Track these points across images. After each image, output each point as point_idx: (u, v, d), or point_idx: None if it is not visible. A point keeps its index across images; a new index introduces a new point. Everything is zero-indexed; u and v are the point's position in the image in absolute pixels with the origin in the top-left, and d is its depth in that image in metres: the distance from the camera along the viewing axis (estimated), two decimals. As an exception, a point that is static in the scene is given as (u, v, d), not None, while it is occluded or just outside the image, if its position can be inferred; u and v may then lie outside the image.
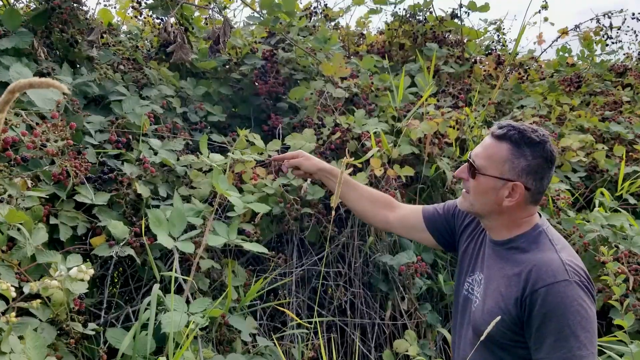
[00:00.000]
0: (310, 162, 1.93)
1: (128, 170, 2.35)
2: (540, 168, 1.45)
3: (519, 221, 1.51)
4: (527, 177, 1.45)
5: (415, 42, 4.01)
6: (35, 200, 1.85)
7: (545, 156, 1.45)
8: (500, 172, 1.46)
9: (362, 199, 1.94)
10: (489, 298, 1.51)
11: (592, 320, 1.36)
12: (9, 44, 2.51)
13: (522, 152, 1.44)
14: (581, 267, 1.43)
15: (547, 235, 1.49)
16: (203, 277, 2.30)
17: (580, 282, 1.38)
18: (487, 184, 1.49)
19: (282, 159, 2.00)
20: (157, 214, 2.01)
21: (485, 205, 1.52)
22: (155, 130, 2.78)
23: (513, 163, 1.44)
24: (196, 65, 3.48)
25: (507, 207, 1.48)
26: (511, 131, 1.45)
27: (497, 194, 1.48)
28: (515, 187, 1.45)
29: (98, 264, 2.18)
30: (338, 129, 2.90)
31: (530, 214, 1.52)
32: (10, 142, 1.83)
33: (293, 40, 3.35)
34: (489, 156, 1.48)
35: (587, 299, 1.37)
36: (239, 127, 3.02)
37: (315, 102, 3.14)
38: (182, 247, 1.99)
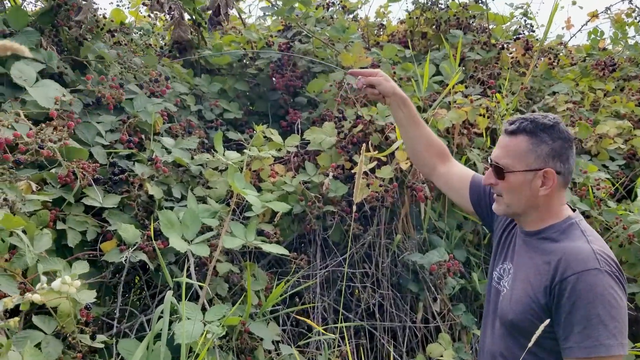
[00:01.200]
0: (389, 84, 1.80)
1: (139, 170, 2.22)
2: (563, 149, 1.45)
3: (554, 210, 1.49)
4: (554, 161, 1.44)
5: (438, 30, 3.82)
6: (37, 204, 1.72)
7: (563, 137, 1.45)
8: (527, 164, 1.45)
9: (420, 139, 1.86)
10: (518, 287, 1.49)
11: (622, 310, 1.33)
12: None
13: (540, 138, 1.44)
14: (612, 257, 1.40)
15: (578, 226, 1.47)
16: (221, 282, 2.16)
17: (611, 272, 1.35)
18: (518, 180, 1.46)
19: (360, 74, 1.86)
20: (169, 216, 1.88)
21: (522, 201, 1.49)
22: (169, 129, 2.66)
23: (536, 152, 1.44)
24: (210, 61, 3.36)
25: (544, 197, 1.46)
26: (523, 123, 1.45)
27: (531, 186, 1.46)
28: (547, 174, 1.44)
29: (110, 271, 2.05)
30: (360, 121, 2.73)
31: (563, 202, 1.51)
32: (3, 144, 1.71)
33: (310, 31, 3.20)
34: (511, 153, 1.47)
35: (618, 288, 1.34)
36: (256, 124, 2.89)
37: (335, 94, 2.98)
38: (196, 251, 1.85)
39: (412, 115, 1.84)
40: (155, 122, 2.52)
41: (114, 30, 3.14)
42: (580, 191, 2.94)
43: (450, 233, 2.79)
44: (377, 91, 1.84)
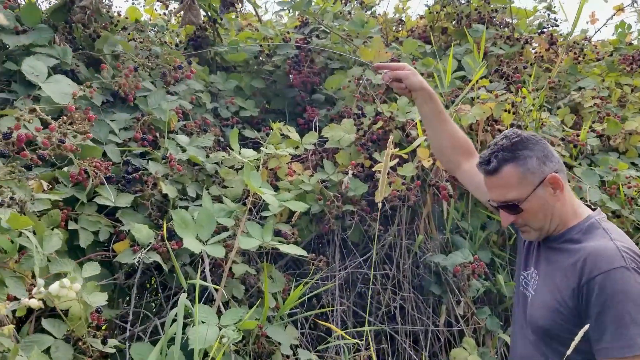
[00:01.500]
0: (417, 78, 1.77)
1: (153, 169, 2.16)
2: (542, 149, 1.44)
3: (571, 209, 1.48)
4: (547, 165, 1.43)
5: (459, 24, 3.72)
6: (47, 203, 1.66)
7: (532, 140, 1.44)
8: (531, 186, 1.43)
9: (446, 135, 1.83)
10: (545, 291, 1.47)
11: None
12: (27, 41, 2.36)
13: (521, 155, 1.43)
14: (638, 253, 1.37)
15: (599, 224, 1.45)
16: (237, 284, 2.09)
17: (637, 268, 1.32)
18: (535, 203, 1.44)
19: (386, 67, 1.82)
20: (183, 215, 1.81)
21: (549, 217, 1.47)
22: (184, 126, 2.60)
23: (529, 169, 1.43)
24: (226, 58, 3.29)
25: (562, 200, 1.45)
26: (499, 155, 1.43)
27: (547, 199, 1.44)
28: (551, 180, 1.43)
29: (123, 272, 1.99)
30: (380, 118, 2.65)
31: (574, 197, 1.51)
32: (24, 140, 1.66)
33: (327, 26, 3.12)
34: (509, 186, 1.44)
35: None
36: (272, 122, 2.81)
37: (353, 90, 2.90)
38: (211, 251, 1.78)
39: (438, 110, 1.81)
40: (170, 119, 2.46)
41: (128, 27, 3.09)
42: (611, 190, 2.82)
43: (474, 233, 2.69)
44: (404, 85, 1.81)
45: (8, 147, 1.63)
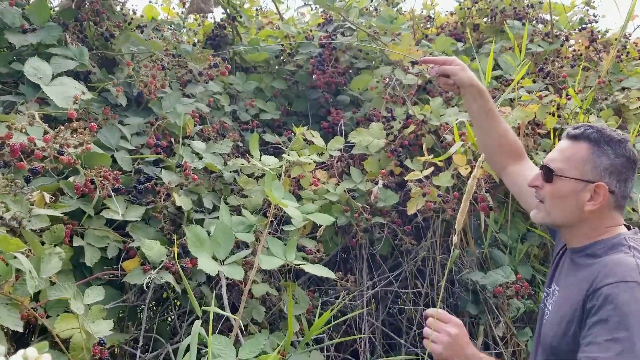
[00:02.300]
0: (466, 74, 1.64)
1: (167, 178, 1.99)
2: (624, 168, 1.32)
3: (601, 229, 1.36)
4: (610, 178, 1.32)
5: (493, 20, 3.49)
6: (46, 220, 1.49)
7: (628, 155, 1.33)
8: (581, 173, 1.33)
9: (494, 134, 1.71)
10: (561, 308, 1.37)
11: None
12: (34, 40, 2.21)
13: (603, 150, 1.32)
14: None
15: (627, 242, 1.31)
16: (257, 305, 1.91)
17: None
18: (566, 187, 1.35)
19: (433, 62, 1.71)
20: (197, 232, 1.63)
21: (565, 212, 1.37)
22: (201, 131, 2.43)
23: (595, 162, 1.32)
24: (246, 58, 3.12)
25: (590, 212, 1.33)
26: (588, 130, 1.34)
27: (578, 197, 1.33)
28: (598, 189, 1.31)
29: (133, 292, 1.82)
30: (411, 121, 2.44)
31: (616, 223, 1.36)
32: (18, 151, 1.49)
33: (353, 23, 2.92)
34: (568, 158, 1.36)
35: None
36: (294, 125, 2.63)
37: (381, 91, 2.70)
38: (229, 273, 1.59)
39: (487, 107, 1.69)
40: (186, 124, 2.29)
41: (143, 25, 2.93)
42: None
43: (514, 247, 2.47)
44: (452, 81, 1.67)
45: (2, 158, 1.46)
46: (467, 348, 1.33)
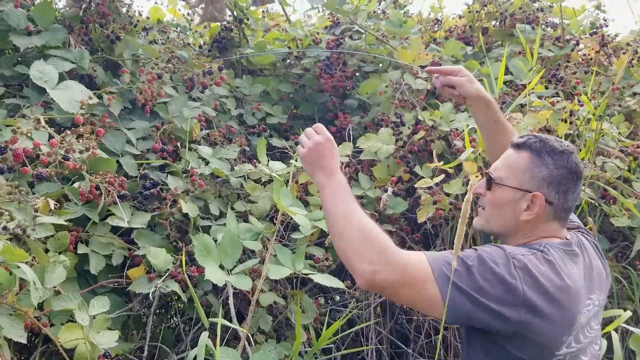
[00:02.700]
0: (473, 86, 1.59)
1: (173, 184, 1.96)
2: (564, 180, 1.31)
3: (533, 239, 1.33)
4: (548, 188, 1.30)
5: (503, 24, 3.45)
6: (50, 229, 1.46)
7: (570, 167, 1.31)
8: (520, 183, 1.32)
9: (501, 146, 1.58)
10: None
11: (498, 279, 1.14)
12: (39, 42, 2.19)
13: (543, 160, 1.31)
14: (532, 269, 1.18)
15: (540, 246, 1.26)
16: (264, 314, 1.87)
17: (515, 258, 1.18)
18: (504, 196, 1.34)
19: (438, 71, 1.64)
20: (205, 241, 1.59)
21: (502, 220, 1.36)
22: (207, 135, 2.39)
23: (533, 172, 1.31)
24: (252, 61, 3.08)
25: (525, 222, 1.32)
26: (532, 139, 1.34)
27: (515, 207, 1.32)
28: (534, 199, 1.30)
29: (138, 301, 1.79)
30: (420, 127, 2.41)
31: (553, 234, 1.33)
32: (22, 156, 1.46)
33: (361, 27, 2.88)
34: (508, 166, 1.36)
35: (510, 261, 1.17)
36: (302, 130, 2.59)
37: (390, 96, 2.66)
38: (236, 283, 1.56)
39: (495, 119, 1.64)
40: (192, 128, 2.25)
41: (149, 27, 2.90)
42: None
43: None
44: (457, 92, 1.61)
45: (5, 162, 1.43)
46: (327, 158, 1.40)
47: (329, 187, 1.35)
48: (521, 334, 1.16)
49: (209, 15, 2.35)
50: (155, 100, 2.22)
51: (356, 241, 1.22)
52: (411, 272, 1.17)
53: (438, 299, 1.13)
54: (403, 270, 1.17)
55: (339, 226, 1.26)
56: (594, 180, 2.53)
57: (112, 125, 2.03)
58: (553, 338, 1.17)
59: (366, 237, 1.22)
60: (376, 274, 1.16)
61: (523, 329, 1.15)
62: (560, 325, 1.18)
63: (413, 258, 1.19)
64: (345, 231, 1.24)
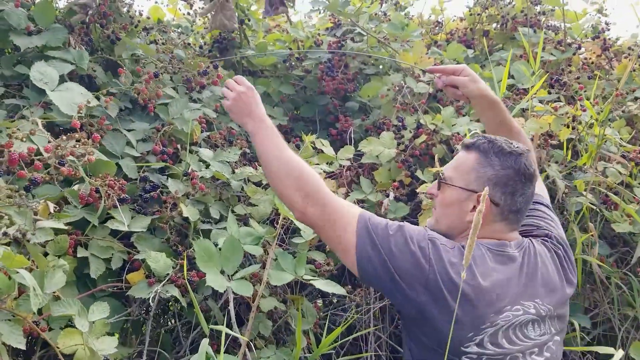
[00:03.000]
0: (476, 86, 1.57)
1: (173, 187, 1.94)
2: (511, 181, 1.31)
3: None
4: (493, 189, 1.30)
5: (504, 27, 3.44)
6: (50, 234, 1.44)
7: (517, 168, 1.31)
8: (466, 183, 1.33)
9: None
10: None
11: (409, 242, 1.24)
12: (39, 42, 2.17)
13: (489, 161, 1.32)
14: (446, 244, 1.27)
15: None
16: (264, 319, 1.86)
17: (432, 237, 1.27)
18: (452, 196, 1.36)
19: (440, 71, 1.63)
20: (206, 246, 1.58)
21: (448, 220, 1.37)
22: (208, 137, 2.38)
23: (479, 172, 1.32)
24: (253, 62, 3.06)
25: (471, 222, 1.20)
26: (480, 140, 1.35)
27: (461, 207, 1.34)
28: (480, 199, 1.21)
29: (137, 305, 1.77)
30: (422, 130, 2.40)
31: (500, 236, 1.33)
32: (17, 161, 1.44)
33: (363, 29, 2.87)
34: (456, 167, 1.38)
35: (427, 243, 1.25)
36: (302, 132, 2.58)
37: (392, 99, 2.65)
38: (238, 289, 1.54)
39: (500, 119, 1.61)
40: (193, 130, 2.24)
41: (150, 27, 2.88)
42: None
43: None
44: (460, 92, 1.59)
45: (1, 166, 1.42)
46: (253, 106, 1.48)
47: (261, 133, 1.42)
48: (424, 317, 1.20)
49: (218, 23, 2.32)
50: (155, 101, 2.20)
51: (292, 178, 1.32)
52: (338, 212, 1.28)
53: (353, 248, 1.24)
54: (332, 209, 1.28)
55: (274, 167, 1.36)
56: (595, 186, 2.52)
57: (110, 128, 2.01)
58: (455, 331, 1.17)
59: (302, 175, 1.32)
60: (308, 207, 1.28)
61: (424, 311, 1.19)
62: (464, 319, 1.18)
63: (345, 203, 1.32)
64: (281, 171, 1.34)
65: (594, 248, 2.44)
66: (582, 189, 2.41)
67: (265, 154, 1.40)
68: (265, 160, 1.40)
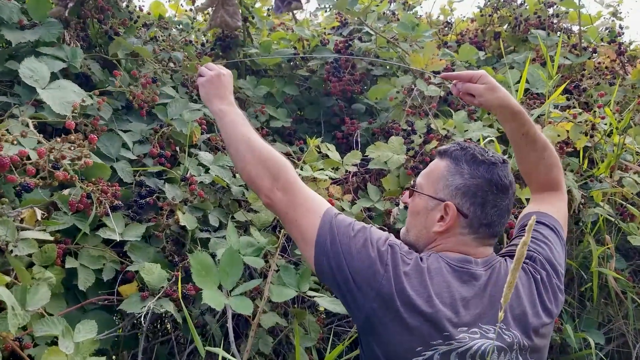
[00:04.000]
0: (494, 95, 1.41)
1: (170, 193, 1.83)
2: (480, 191, 1.23)
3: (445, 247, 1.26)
4: (462, 198, 1.23)
5: (517, 29, 3.32)
6: (34, 246, 1.33)
7: (489, 178, 1.23)
8: (434, 191, 1.28)
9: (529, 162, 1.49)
10: None
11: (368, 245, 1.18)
12: (32, 37, 2.06)
13: (459, 169, 1.25)
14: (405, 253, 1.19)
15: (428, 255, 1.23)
16: (264, 335, 1.75)
17: (395, 249, 1.19)
18: (420, 204, 1.31)
19: (456, 77, 1.49)
20: (203, 260, 1.47)
21: (415, 229, 1.31)
22: (208, 140, 2.27)
23: (447, 180, 1.26)
24: (257, 61, 2.95)
25: (437, 233, 1.26)
26: (454, 147, 1.30)
27: (428, 216, 1.28)
28: (447, 208, 1.24)
29: (129, 320, 1.66)
30: (433, 136, 2.29)
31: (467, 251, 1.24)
32: (8, 165, 1.33)
33: (372, 28, 2.76)
34: (427, 174, 1.33)
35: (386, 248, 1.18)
36: (307, 134, 2.47)
37: (401, 102, 2.54)
38: (237, 307, 1.43)
39: (524, 132, 1.44)
40: (193, 132, 2.13)
41: (150, 23, 2.77)
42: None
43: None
44: (477, 102, 1.44)
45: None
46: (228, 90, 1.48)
47: (229, 116, 1.39)
48: (373, 324, 1.14)
49: (219, 20, 2.16)
50: (150, 104, 2.09)
51: (260, 161, 1.28)
52: (306, 201, 1.24)
53: (313, 240, 1.18)
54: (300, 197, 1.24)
55: (241, 149, 1.32)
56: (611, 197, 2.41)
57: (105, 129, 1.90)
58: (403, 343, 1.12)
59: (270, 158, 1.29)
60: (275, 190, 1.24)
61: (374, 317, 1.13)
62: (411, 332, 1.11)
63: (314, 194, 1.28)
64: (248, 155, 1.30)
65: (610, 261, 2.34)
66: (599, 200, 2.30)
67: (234, 136, 1.36)
68: (233, 143, 1.35)
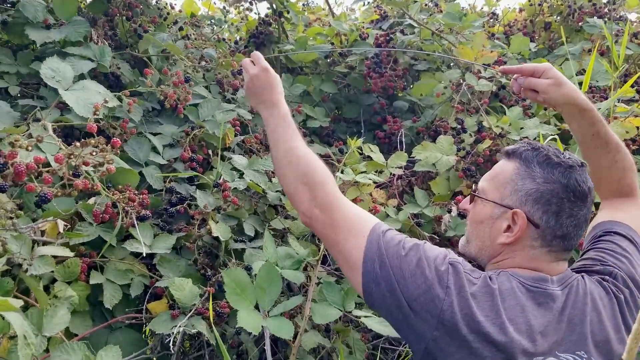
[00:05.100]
0: (559, 92, 1.23)
1: (202, 200, 1.70)
2: (555, 197, 1.03)
3: (514, 270, 1.06)
4: (533, 206, 1.04)
5: (572, 18, 3.09)
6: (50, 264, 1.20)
7: (566, 183, 1.04)
8: (500, 196, 1.08)
9: (598, 165, 1.29)
10: None
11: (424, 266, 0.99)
12: (57, 36, 1.96)
13: (530, 172, 1.06)
14: (470, 272, 1.00)
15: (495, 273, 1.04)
16: (305, 355, 1.59)
17: (454, 261, 1.01)
18: (484, 211, 1.11)
19: (516, 72, 1.31)
20: (237, 277, 1.32)
21: (479, 240, 1.12)
22: (242, 142, 2.13)
23: (516, 185, 1.07)
24: (292, 58, 2.81)
25: (503, 246, 1.07)
26: (524, 146, 1.11)
27: (493, 225, 1.08)
28: (515, 217, 1.05)
29: (159, 340, 1.53)
30: (485, 134, 2.09)
31: (538, 267, 1.05)
32: (24, 174, 1.21)
33: (415, 20, 2.57)
34: (492, 177, 1.13)
35: (447, 268, 0.99)
36: (346, 134, 2.30)
37: (449, 98, 2.34)
38: (275, 330, 1.28)
39: (593, 132, 1.26)
40: (226, 134, 1.99)
41: (180, 21, 2.65)
42: None
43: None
44: (541, 99, 1.26)
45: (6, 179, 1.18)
46: (267, 91, 1.28)
47: (270, 123, 1.26)
48: (434, 357, 0.97)
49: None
50: (184, 104, 1.97)
51: (297, 176, 1.16)
52: (349, 220, 1.09)
53: (360, 265, 1.02)
54: (342, 215, 1.09)
55: (282, 161, 1.20)
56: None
57: (134, 132, 1.78)
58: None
59: (311, 171, 1.15)
60: (314, 209, 1.11)
61: (436, 348, 0.96)
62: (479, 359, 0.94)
63: (358, 210, 1.12)
64: (287, 169, 1.19)
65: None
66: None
67: (275, 145, 1.22)
68: (274, 153, 1.23)
